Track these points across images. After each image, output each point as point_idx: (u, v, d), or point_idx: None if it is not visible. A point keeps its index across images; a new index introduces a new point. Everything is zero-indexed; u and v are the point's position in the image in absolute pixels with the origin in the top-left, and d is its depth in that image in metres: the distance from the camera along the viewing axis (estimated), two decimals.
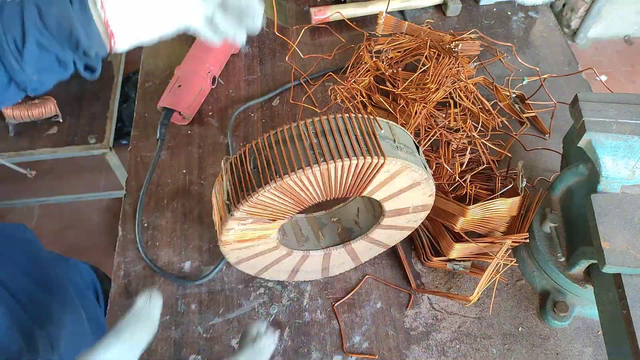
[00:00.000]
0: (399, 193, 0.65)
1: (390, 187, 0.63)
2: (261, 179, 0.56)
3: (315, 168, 0.54)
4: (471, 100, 0.99)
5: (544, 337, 0.79)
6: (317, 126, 0.58)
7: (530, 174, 0.95)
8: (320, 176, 0.56)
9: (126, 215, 0.89)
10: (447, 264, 0.83)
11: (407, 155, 0.59)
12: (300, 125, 0.58)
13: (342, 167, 0.55)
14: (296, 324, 0.79)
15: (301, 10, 1.22)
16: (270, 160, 0.56)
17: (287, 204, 0.60)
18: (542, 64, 1.12)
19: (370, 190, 0.62)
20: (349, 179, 0.58)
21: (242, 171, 0.58)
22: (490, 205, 0.76)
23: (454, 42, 1.04)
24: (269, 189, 0.55)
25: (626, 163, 0.69)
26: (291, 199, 0.59)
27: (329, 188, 0.59)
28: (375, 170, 0.57)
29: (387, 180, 0.61)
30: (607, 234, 0.65)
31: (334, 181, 0.58)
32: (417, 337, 0.79)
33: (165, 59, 1.12)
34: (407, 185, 0.64)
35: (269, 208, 0.59)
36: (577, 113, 0.72)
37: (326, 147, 0.55)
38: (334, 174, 0.57)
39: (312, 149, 0.56)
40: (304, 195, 0.59)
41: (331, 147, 0.55)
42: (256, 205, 0.57)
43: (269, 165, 0.56)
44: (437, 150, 0.92)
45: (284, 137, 0.57)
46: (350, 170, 0.56)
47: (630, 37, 2.69)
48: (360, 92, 1.02)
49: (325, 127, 0.57)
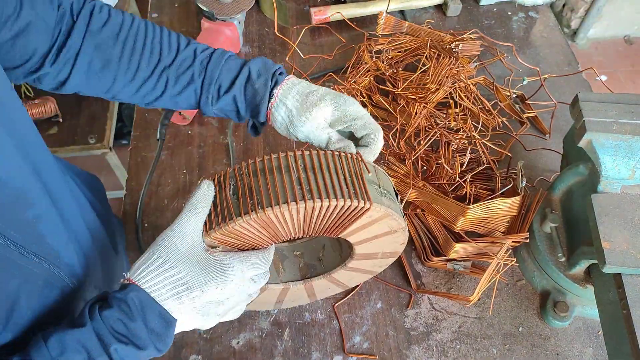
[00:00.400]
0: (373, 238, 0.63)
1: (367, 232, 0.61)
2: (241, 208, 0.52)
3: (301, 204, 0.51)
4: (471, 100, 0.99)
5: (544, 337, 0.79)
6: (307, 160, 0.54)
7: (530, 174, 0.95)
8: (303, 213, 0.53)
9: (126, 215, 0.89)
10: (447, 264, 0.82)
11: (390, 203, 0.57)
12: (289, 156, 0.55)
13: (328, 208, 0.52)
14: (296, 324, 0.79)
15: (301, 10, 1.22)
16: (252, 189, 0.53)
17: (261, 237, 0.55)
18: (542, 64, 1.12)
19: (347, 232, 0.60)
20: (330, 220, 0.55)
21: (219, 196, 0.54)
22: (490, 205, 0.76)
23: (454, 42, 1.04)
24: (248, 219, 0.51)
25: (626, 163, 0.69)
26: (267, 233, 0.55)
27: (309, 226, 0.56)
28: (358, 214, 0.55)
29: (367, 225, 0.58)
30: (607, 234, 0.65)
31: (315, 220, 0.55)
32: (418, 337, 0.79)
33: None
34: (383, 232, 0.62)
35: (241, 239, 0.54)
36: (577, 113, 0.72)
37: (314, 184, 0.52)
38: (317, 213, 0.53)
39: (300, 184, 0.52)
40: (281, 230, 0.55)
41: (319, 185, 0.52)
42: (229, 233, 0.53)
43: (251, 194, 0.52)
44: (437, 150, 0.92)
45: (270, 167, 0.54)
46: (335, 211, 0.54)
47: (630, 37, 2.69)
48: (361, 92, 1.02)
49: (315, 163, 0.54)
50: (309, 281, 0.73)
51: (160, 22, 1.19)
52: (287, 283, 0.72)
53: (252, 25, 1.18)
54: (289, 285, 0.72)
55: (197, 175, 0.94)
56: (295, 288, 0.73)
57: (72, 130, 1.48)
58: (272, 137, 0.99)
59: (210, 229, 0.52)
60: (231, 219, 0.51)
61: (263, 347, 0.77)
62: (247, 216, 0.51)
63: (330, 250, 0.75)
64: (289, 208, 0.51)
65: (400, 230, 0.62)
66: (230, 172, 0.55)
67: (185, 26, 1.18)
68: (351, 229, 0.59)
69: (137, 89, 0.64)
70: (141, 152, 0.98)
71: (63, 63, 0.60)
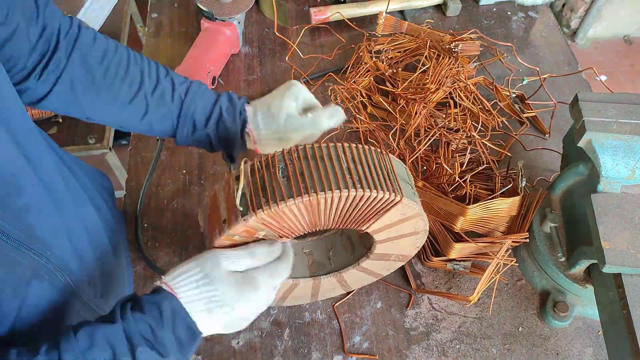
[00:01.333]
0: (396, 238, 0.65)
1: (394, 230, 0.63)
2: (292, 189, 0.53)
3: (352, 192, 0.53)
4: (471, 100, 0.99)
5: (544, 337, 0.79)
6: (354, 152, 0.57)
7: (530, 174, 0.95)
8: (350, 201, 0.55)
9: (126, 215, 0.89)
10: (447, 264, 0.83)
11: (420, 206, 0.60)
12: (338, 146, 0.57)
13: (375, 199, 0.55)
14: (296, 324, 0.79)
15: (301, 10, 1.22)
16: (304, 173, 0.54)
17: (301, 224, 0.57)
18: (542, 64, 1.12)
19: (376, 228, 0.62)
20: (364, 211, 0.58)
21: (267, 177, 0.55)
22: (490, 205, 0.76)
23: (454, 42, 1.04)
24: (299, 201, 0.52)
25: (626, 163, 0.69)
26: (308, 218, 0.57)
27: (344, 216, 0.58)
28: (388, 208, 0.58)
29: (397, 222, 0.61)
30: (607, 233, 0.65)
31: (354, 209, 0.57)
32: (417, 337, 0.79)
33: (165, 59, 1.12)
34: (408, 232, 0.65)
35: (283, 223, 0.56)
36: (577, 113, 0.72)
37: (362, 175, 0.55)
38: (358, 203, 0.56)
39: (350, 173, 0.55)
40: (322, 217, 0.57)
41: (367, 176, 0.55)
42: (275, 215, 0.54)
43: (303, 178, 0.54)
44: (437, 150, 0.92)
45: (321, 154, 0.56)
46: (374, 202, 0.56)
47: (630, 36, 2.69)
48: (360, 92, 1.02)
49: (362, 156, 0.57)
50: (318, 279, 0.73)
51: (160, 22, 1.19)
52: (297, 279, 0.73)
53: (252, 26, 1.18)
54: (298, 281, 0.73)
55: (196, 175, 0.94)
56: (303, 284, 0.73)
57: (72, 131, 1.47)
58: None
59: (259, 208, 0.52)
60: (282, 200, 0.52)
61: (263, 347, 0.77)
62: (299, 198, 0.52)
63: (340, 250, 0.76)
64: (341, 194, 0.53)
65: (422, 232, 0.65)
66: (279, 155, 0.56)
67: (185, 26, 1.18)
68: (380, 225, 0.61)
69: (113, 114, 0.66)
70: (141, 152, 0.98)
71: (45, 80, 0.61)
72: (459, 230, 0.80)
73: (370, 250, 0.69)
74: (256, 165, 0.56)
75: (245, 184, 0.55)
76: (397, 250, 0.70)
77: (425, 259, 0.83)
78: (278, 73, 1.10)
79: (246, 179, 0.55)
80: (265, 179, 0.54)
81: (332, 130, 1.00)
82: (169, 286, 0.51)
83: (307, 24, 1.16)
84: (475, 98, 1.00)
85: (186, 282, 0.51)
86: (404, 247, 0.70)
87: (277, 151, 0.56)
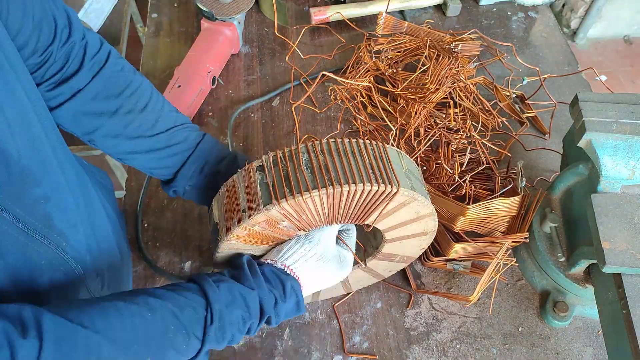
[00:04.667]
0: (404, 238, 0.67)
1: (405, 230, 0.64)
2: (317, 181, 0.54)
3: (375, 187, 0.54)
4: (471, 100, 0.99)
5: (544, 337, 0.79)
6: (376, 150, 0.59)
7: (530, 174, 0.95)
8: (372, 195, 0.56)
9: (126, 215, 0.89)
10: (447, 264, 0.83)
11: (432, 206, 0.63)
12: (360, 142, 0.58)
13: (390, 194, 0.56)
14: (296, 324, 0.79)
15: (301, 10, 1.22)
16: (328, 166, 0.55)
17: (319, 216, 0.58)
18: (542, 64, 1.12)
19: (389, 226, 0.63)
20: (380, 207, 0.59)
21: (291, 168, 0.56)
22: (490, 205, 0.76)
23: (454, 42, 1.04)
24: (323, 193, 0.54)
25: (626, 163, 0.69)
26: (328, 212, 0.58)
27: (361, 210, 0.59)
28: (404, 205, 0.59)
29: (410, 221, 0.63)
30: (607, 233, 0.65)
31: (367, 204, 0.58)
32: (418, 337, 0.79)
33: (165, 59, 1.12)
34: (417, 233, 0.66)
35: (303, 214, 0.57)
36: (577, 113, 0.72)
37: (384, 172, 0.56)
38: (374, 198, 0.57)
39: (372, 169, 0.56)
40: (341, 211, 0.58)
41: (388, 174, 0.56)
42: (297, 206, 0.55)
43: (327, 170, 0.55)
44: (437, 150, 0.92)
45: (344, 149, 0.57)
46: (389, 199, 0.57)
47: (630, 37, 2.69)
48: (360, 92, 1.02)
49: (383, 153, 0.59)
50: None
51: (160, 23, 1.19)
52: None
53: (252, 26, 1.18)
54: None
55: None
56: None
57: None
58: (272, 137, 1.00)
59: (282, 198, 0.54)
60: (307, 190, 0.53)
61: (263, 347, 0.77)
62: (323, 189, 0.53)
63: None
64: (364, 188, 0.54)
65: (430, 234, 0.67)
66: (302, 148, 0.57)
67: (185, 26, 1.18)
68: (393, 223, 0.62)
69: (117, 145, 0.65)
70: None
71: (56, 95, 0.59)
72: (459, 230, 0.80)
73: (376, 250, 0.70)
74: (279, 157, 0.57)
75: (268, 174, 0.56)
76: (403, 251, 0.71)
77: (426, 259, 0.83)
78: (278, 73, 1.10)
79: (269, 169, 0.57)
80: (289, 170, 0.56)
81: (333, 130, 1.00)
82: (286, 265, 0.60)
83: (307, 24, 1.16)
84: (475, 98, 1.00)
85: (301, 261, 0.61)
86: (410, 248, 0.70)
87: (300, 144, 0.58)
